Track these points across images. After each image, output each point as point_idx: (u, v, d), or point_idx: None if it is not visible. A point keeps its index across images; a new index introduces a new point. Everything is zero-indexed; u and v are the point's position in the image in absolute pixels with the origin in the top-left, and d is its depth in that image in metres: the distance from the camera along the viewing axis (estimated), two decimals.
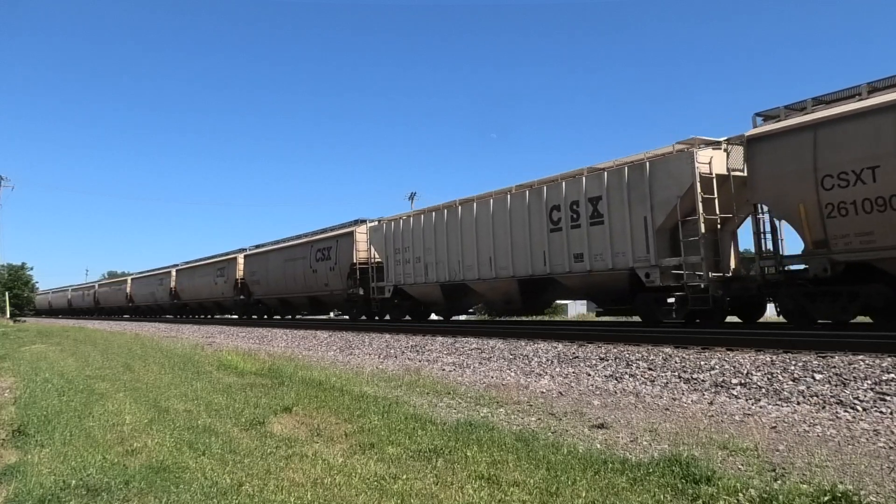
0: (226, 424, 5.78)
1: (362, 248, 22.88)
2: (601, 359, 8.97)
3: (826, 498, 3.24)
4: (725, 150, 12.37)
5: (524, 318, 21.11)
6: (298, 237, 28.98)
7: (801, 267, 11.01)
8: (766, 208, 11.49)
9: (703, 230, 11.76)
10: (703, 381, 7.10)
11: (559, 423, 5.61)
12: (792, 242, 11.41)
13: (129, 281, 53.72)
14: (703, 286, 11.80)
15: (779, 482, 3.66)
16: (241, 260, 33.54)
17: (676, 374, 7.55)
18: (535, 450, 4.46)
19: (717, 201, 12.00)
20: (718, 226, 12.33)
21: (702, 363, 7.82)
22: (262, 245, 33.06)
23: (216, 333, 22.29)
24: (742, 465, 4.11)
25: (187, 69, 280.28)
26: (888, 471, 3.89)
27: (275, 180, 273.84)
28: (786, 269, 11.32)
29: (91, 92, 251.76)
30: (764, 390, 6.44)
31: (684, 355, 8.44)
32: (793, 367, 7.03)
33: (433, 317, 22.43)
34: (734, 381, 6.88)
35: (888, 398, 5.70)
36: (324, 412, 6.10)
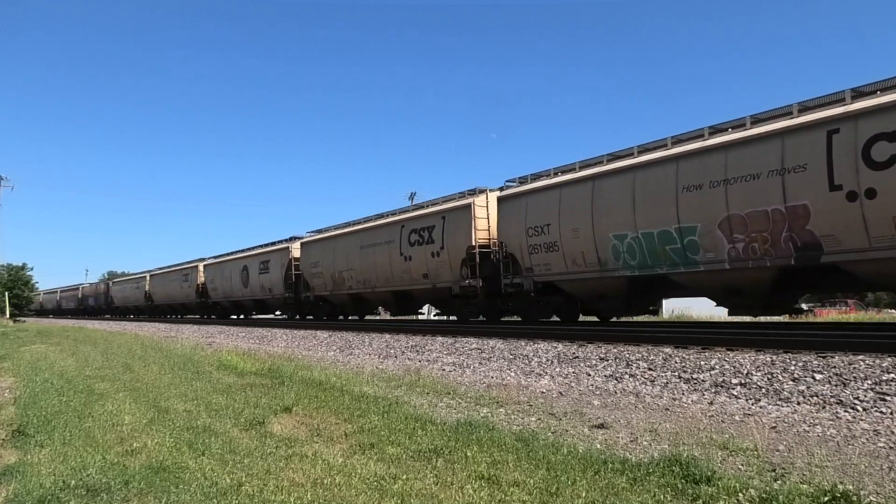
0: (225, 424, 5.78)
1: (483, 227, 17.15)
2: (601, 359, 8.97)
3: (826, 498, 3.24)
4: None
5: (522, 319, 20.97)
6: (381, 216, 22.69)
7: None
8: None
9: None
10: (703, 381, 7.09)
11: (559, 423, 5.61)
12: None
13: (147, 278, 48.83)
14: None
15: (779, 482, 3.66)
16: (295, 249, 27.15)
17: (676, 374, 7.55)
18: (535, 450, 4.45)
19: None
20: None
21: (702, 363, 7.81)
22: (325, 229, 26.47)
23: (216, 333, 22.29)
24: (742, 465, 4.11)
25: (187, 69, 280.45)
26: (888, 471, 3.89)
27: (275, 180, 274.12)
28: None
29: (91, 92, 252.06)
30: (764, 390, 6.44)
31: (684, 355, 8.44)
32: (793, 367, 7.03)
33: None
34: (734, 381, 6.88)
35: (888, 398, 5.70)
36: (324, 412, 6.09)
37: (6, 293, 55.11)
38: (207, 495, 3.74)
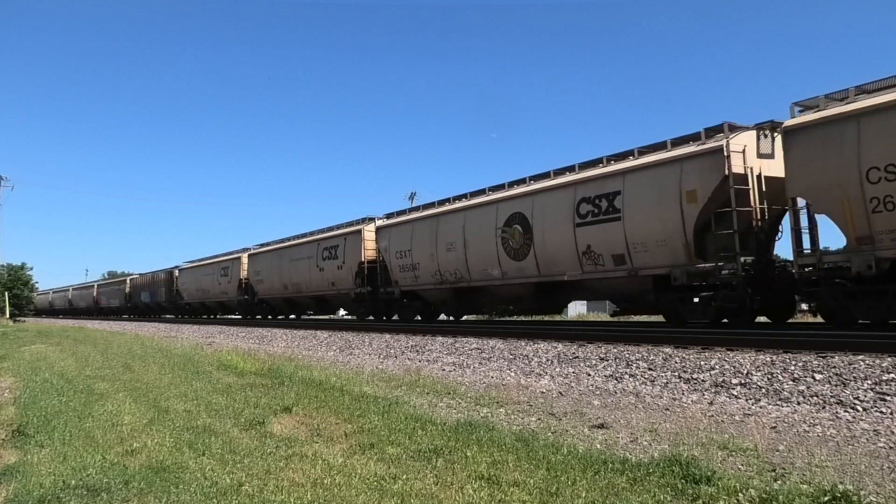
0: (225, 424, 5.77)
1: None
2: (601, 359, 8.97)
3: (826, 498, 3.24)
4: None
5: (523, 318, 20.97)
6: None
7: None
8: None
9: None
10: (703, 381, 7.09)
11: (559, 423, 5.61)
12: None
13: (243, 260, 31.12)
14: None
15: (779, 482, 3.66)
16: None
17: (676, 374, 7.55)
18: (535, 450, 4.45)
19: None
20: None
21: (702, 363, 7.81)
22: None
23: (216, 333, 22.29)
24: (742, 465, 4.11)
25: (188, 69, 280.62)
26: (888, 471, 3.89)
27: (275, 180, 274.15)
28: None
29: (91, 91, 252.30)
30: (764, 390, 6.44)
31: (684, 355, 8.44)
32: (793, 367, 7.03)
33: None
34: (734, 381, 6.88)
35: (888, 398, 5.70)
36: (324, 412, 6.09)
37: (6, 293, 55.04)
38: (207, 495, 3.74)
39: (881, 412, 5.41)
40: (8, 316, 50.52)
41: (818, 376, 6.58)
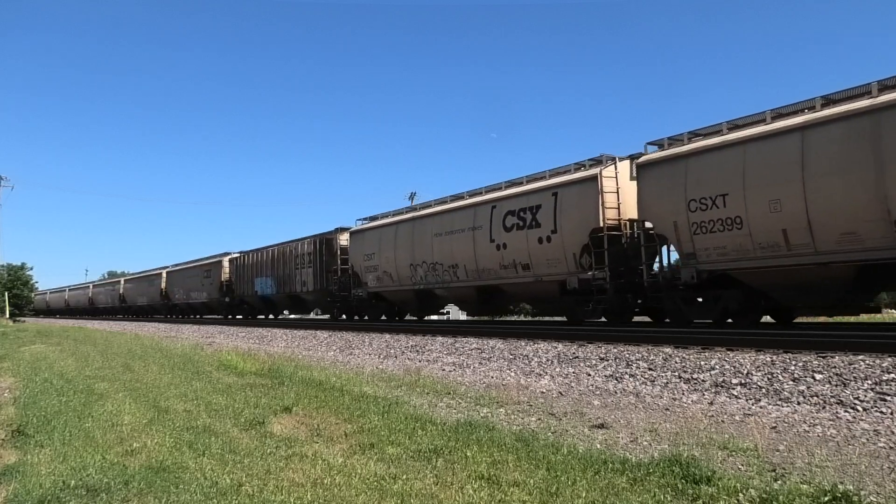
0: (225, 424, 5.77)
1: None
2: (601, 359, 8.97)
3: (826, 498, 3.24)
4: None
5: (524, 318, 20.94)
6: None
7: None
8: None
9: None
10: (703, 381, 7.09)
11: (559, 423, 5.61)
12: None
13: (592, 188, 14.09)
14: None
15: (779, 482, 3.66)
16: None
17: (676, 374, 7.55)
18: (535, 450, 4.45)
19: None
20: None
21: (702, 363, 7.81)
22: None
23: (216, 333, 22.29)
24: (742, 465, 4.11)
25: (187, 69, 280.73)
26: (888, 471, 3.89)
27: (274, 180, 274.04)
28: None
29: (91, 91, 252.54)
30: (764, 390, 6.44)
31: (684, 355, 8.44)
32: (793, 367, 7.03)
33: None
34: (734, 381, 6.88)
35: (888, 398, 5.70)
36: (324, 412, 6.09)
37: (6, 293, 55.01)
38: (207, 495, 3.73)
39: (881, 412, 5.41)
40: (8, 316, 50.49)
41: (818, 376, 6.58)
